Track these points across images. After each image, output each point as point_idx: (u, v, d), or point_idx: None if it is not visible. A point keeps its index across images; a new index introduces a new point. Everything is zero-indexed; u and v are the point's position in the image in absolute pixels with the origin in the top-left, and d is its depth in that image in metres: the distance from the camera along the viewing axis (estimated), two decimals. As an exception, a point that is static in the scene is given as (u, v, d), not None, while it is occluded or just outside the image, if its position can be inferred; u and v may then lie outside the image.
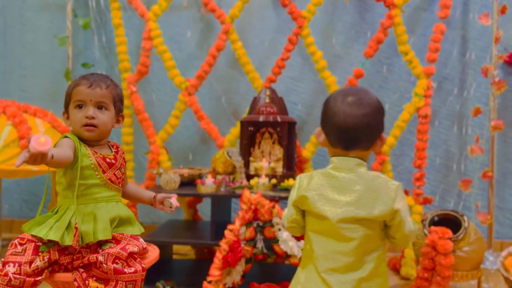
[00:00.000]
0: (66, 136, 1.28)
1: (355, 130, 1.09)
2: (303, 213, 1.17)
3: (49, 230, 1.21)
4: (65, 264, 1.25)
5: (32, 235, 1.23)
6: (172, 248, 2.74)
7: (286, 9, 2.65)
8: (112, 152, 1.36)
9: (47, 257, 1.21)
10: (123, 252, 1.21)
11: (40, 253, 1.21)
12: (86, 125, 1.26)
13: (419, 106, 2.55)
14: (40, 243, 1.22)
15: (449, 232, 2.00)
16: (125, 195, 1.43)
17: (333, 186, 1.10)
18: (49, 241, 1.23)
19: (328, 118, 1.12)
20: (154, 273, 2.35)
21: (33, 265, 1.18)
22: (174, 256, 2.81)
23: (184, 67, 2.92)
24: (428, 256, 2.05)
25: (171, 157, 2.87)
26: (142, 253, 1.31)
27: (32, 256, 1.19)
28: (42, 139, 1.02)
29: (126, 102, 2.84)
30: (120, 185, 1.34)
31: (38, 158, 1.03)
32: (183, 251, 2.94)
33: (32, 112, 2.47)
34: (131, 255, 1.23)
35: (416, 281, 2.11)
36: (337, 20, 2.96)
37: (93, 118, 1.26)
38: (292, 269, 2.51)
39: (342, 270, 1.07)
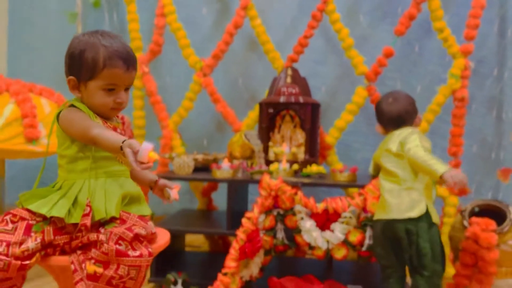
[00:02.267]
0: (73, 105, 1.12)
1: (399, 117, 1.71)
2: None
3: (52, 207, 1.06)
4: (61, 245, 1.08)
5: (28, 210, 1.07)
6: (185, 239, 2.57)
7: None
8: (119, 122, 1.21)
9: (40, 238, 1.05)
10: (128, 233, 1.04)
11: (32, 234, 1.04)
12: (115, 108, 1.14)
13: (455, 88, 2.32)
14: (33, 222, 1.06)
15: (493, 224, 1.79)
16: None
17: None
18: (44, 219, 1.07)
19: (380, 115, 1.75)
20: (165, 264, 2.17)
21: (23, 246, 1.02)
22: (187, 248, 2.63)
23: (198, 49, 2.73)
24: (469, 251, 1.83)
25: (184, 143, 2.70)
26: (150, 238, 1.13)
27: (23, 236, 1.03)
28: (153, 155, 0.93)
29: (137, 83, 2.67)
30: None
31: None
32: (196, 243, 2.77)
33: (38, 92, 2.32)
34: (137, 237, 1.06)
35: (455, 279, 1.89)
36: (363, -1, 2.75)
37: (123, 103, 1.15)
38: (315, 263, 2.33)
39: (401, 184, 1.63)
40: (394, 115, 1.69)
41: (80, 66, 1.11)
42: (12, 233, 1.03)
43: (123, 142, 0.96)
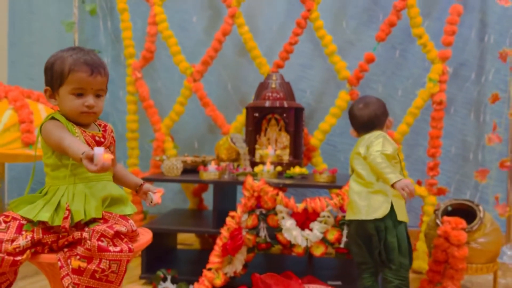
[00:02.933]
0: (53, 117, 1.23)
1: (370, 121, 1.79)
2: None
3: (38, 212, 1.17)
4: (49, 243, 1.20)
5: (19, 213, 1.18)
6: (177, 237, 2.69)
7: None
8: (100, 131, 1.31)
9: (30, 236, 1.16)
10: (109, 230, 1.15)
11: (23, 232, 1.16)
12: (85, 112, 1.23)
13: (433, 92, 2.42)
14: (24, 222, 1.18)
15: (463, 222, 1.89)
16: (112, 176, 1.36)
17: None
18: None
19: (353, 120, 1.84)
20: (157, 262, 2.29)
21: (14, 243, 1.13)
22: (179, 246, 2.75)
23: (192, 54, 2.85)
24: (440, 248, 1.94)
25: (176, 145, 2.81)
26: (132, 235, 1.25)
27: (15, 235, 1.15)
28: (107, 156, 1.04)
29: (131, 88, 2.79)
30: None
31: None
32: (188, 241, 2.89)
33: (35, 98, 2.44)
34: (118, 234, 1.17)
35: (428, 274, 2.00)
36: (349, 4, 2.85)
37: (93, 107, 1.23)
38: (298, 260, 2.44)
39: (368, 187, 1.71)
40: (365, 120, 1.79)
41: (52, 76, 1.23)
42: (5, 231, 1.15)
43: (82, 153, 1.06)
